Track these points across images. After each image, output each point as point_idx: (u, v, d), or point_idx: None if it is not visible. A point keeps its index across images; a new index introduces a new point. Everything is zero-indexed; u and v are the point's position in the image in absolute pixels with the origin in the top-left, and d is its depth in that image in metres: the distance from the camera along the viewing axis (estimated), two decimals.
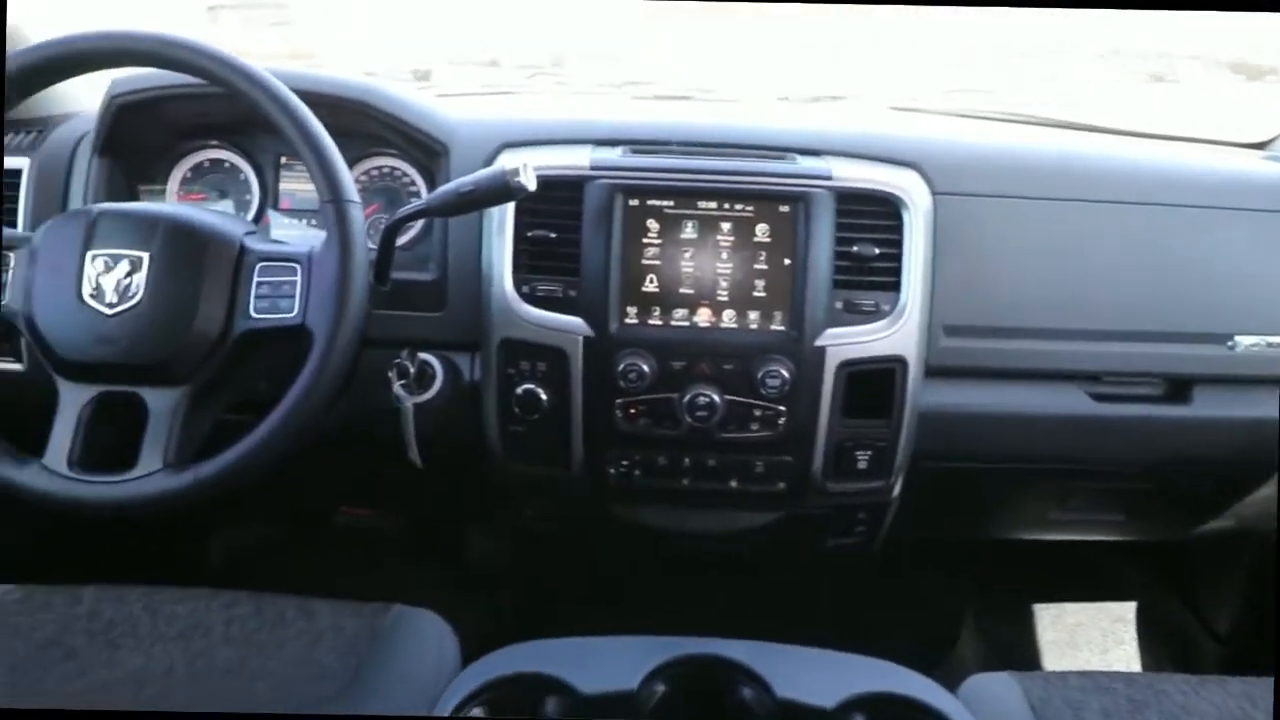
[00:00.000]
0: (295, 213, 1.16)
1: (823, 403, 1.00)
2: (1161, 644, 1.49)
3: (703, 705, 0.73)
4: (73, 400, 0.80)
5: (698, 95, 1.45)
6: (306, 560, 1.52)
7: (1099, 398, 1.08)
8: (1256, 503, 1.16)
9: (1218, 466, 1.12)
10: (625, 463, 1.02)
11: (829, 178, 1.00)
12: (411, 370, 1.01)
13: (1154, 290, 1.07)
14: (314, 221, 1.15)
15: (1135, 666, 1.48)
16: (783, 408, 0.99)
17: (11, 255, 0.82)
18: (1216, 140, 1.36)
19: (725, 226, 1.00)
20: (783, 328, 0.99)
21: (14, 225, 1.06)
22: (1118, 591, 1.53)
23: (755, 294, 0.99)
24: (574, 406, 1.00)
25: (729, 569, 1.30)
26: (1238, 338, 1.06)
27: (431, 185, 1.13)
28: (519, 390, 1.00)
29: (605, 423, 1.00)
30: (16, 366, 1.05)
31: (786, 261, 0.99)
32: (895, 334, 1.00)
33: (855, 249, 1.00)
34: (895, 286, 1.00)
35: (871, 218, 1.01)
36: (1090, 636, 1.50)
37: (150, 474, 0.78)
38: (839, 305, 1.00)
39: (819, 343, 0.98)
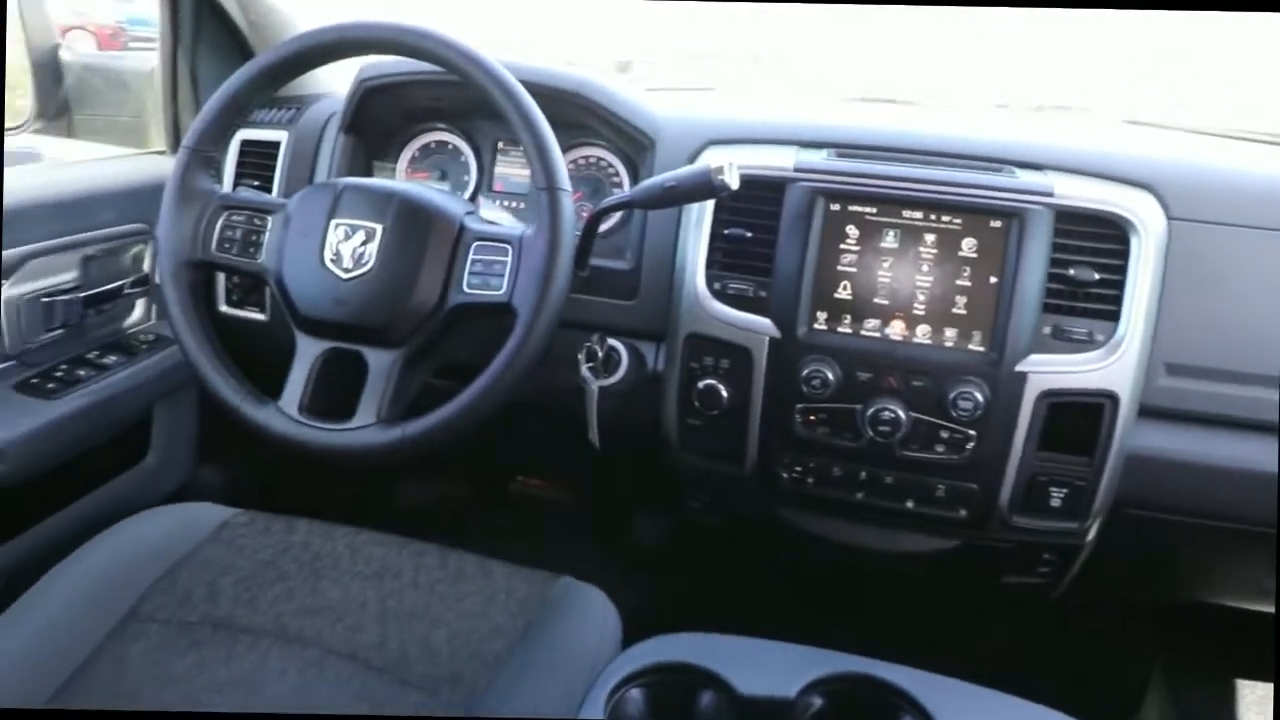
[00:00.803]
0: (505, 195, 1.22)
1: (1017, 432, 0.94)
2: None
3: None
4: (307, 353, 0.90)
5: (910, 99, 1.41)
6: (482, 519, 1.61)
7: None
8: None
9: None
10: (799, 469, 1.01)
11: (1050, 194, 0.95)
12: (600, 354, 1.05)
13: None
14: (520, 206, 1.21)
15: None
16: (973, 432, 0.95)
17: (270, 218, 0.92)
18: None
19: (929, 238, 0.96)
20: (981, 349, 0.94)
21: (269, 191, 1.19)
22: None
23: (954, 311, 0.95)
24: (753, 406, 1.00)
25: (894, 590, 1.26)
26: None
27: (635, 177, 1.16)
28: (700, 385, 1.01)
29: (783, 426, 0.99)
30: (260, 316, 1.18)
31: (993, 280, 0.94)
32: (1109, 367, 0.93)
33: (1072, 272, 0.93)
34: (1114, 316, 0.93)
35: (1094, 240, 0.94)
36: None
37: (365, 426, 0.86)
38: (1046, 331, 0.94)
39: (1020, 368, 0.93)
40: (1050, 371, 0.93)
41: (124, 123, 1.36)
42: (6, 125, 1.19)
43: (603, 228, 1.14)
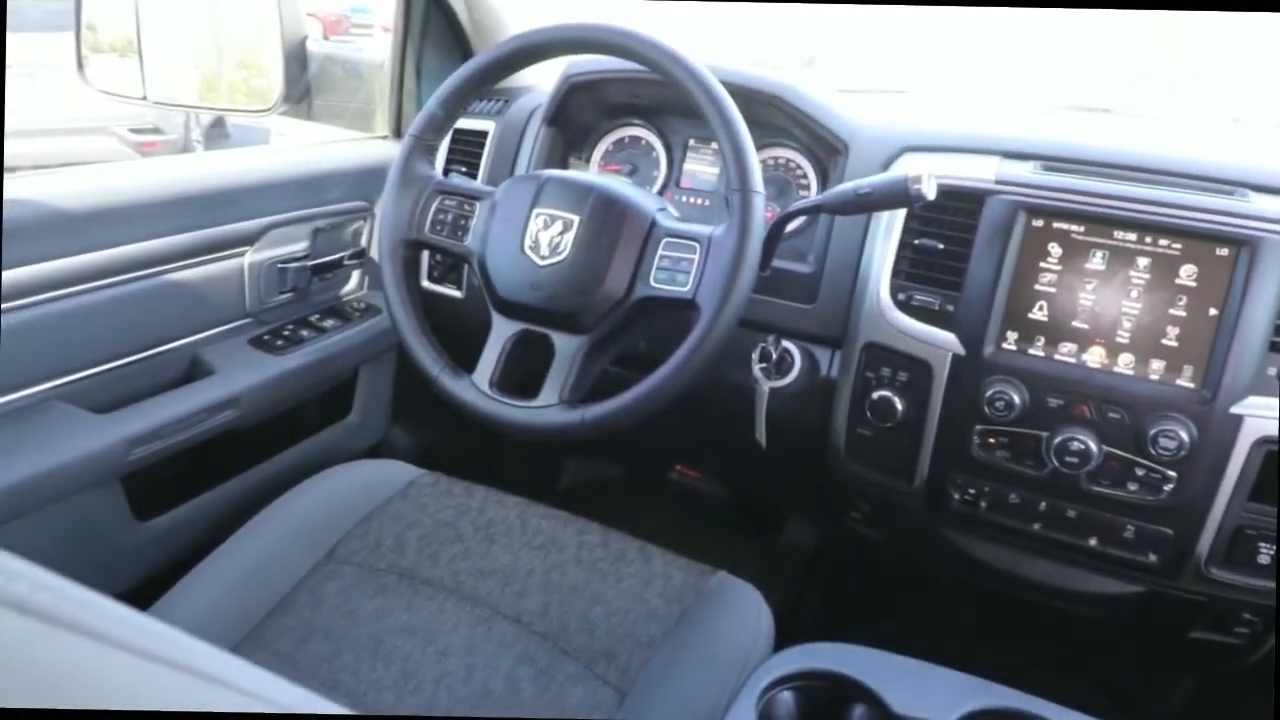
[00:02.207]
0: (691, 191, 1.25)
1: (1226, 478, 0.87)
2: None
3: None
4: (501, 332, 0.96)
5: (1124, 110, 1.31)
6: (639, 505, 1.66)
7: None
8: None
9: None
10: (972, 491, 0.98)
11: None
12: (773, 355, 1.05)
13: None
14: (705, 203, 1.23)
15: None
16: (1173, 473, 0.88)
17: (478, 205, 0.99)
18: None
19: (1142, 262, 0.90)
20: (1191, 385, 0.88)
21: (475, 178, 1.27)
22: None
23: (1164, 342, 0.89)
24: (929, 423, 0.98)
25: (1063, 630, 1.18)
26: None
27: (823, 180, 1.15)
28: (874, 395, 1.00)
29: (959, 446, 0.96)
30: (457, 294, 1.27)
31: (1212, 311, 0.87)
32: None
33: None
34: None
35: None
36: None
37: (549, 405, 0.91)
38: (1272, 372, 0.86)
39: (1235, 410, 0.86)
40: (1271, 416, 0.85)
41: (355, 109, 1.49)
42: (256, 107, 1.33)
43: (787, 230, 1.14)
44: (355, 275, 1.34)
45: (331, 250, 1.27)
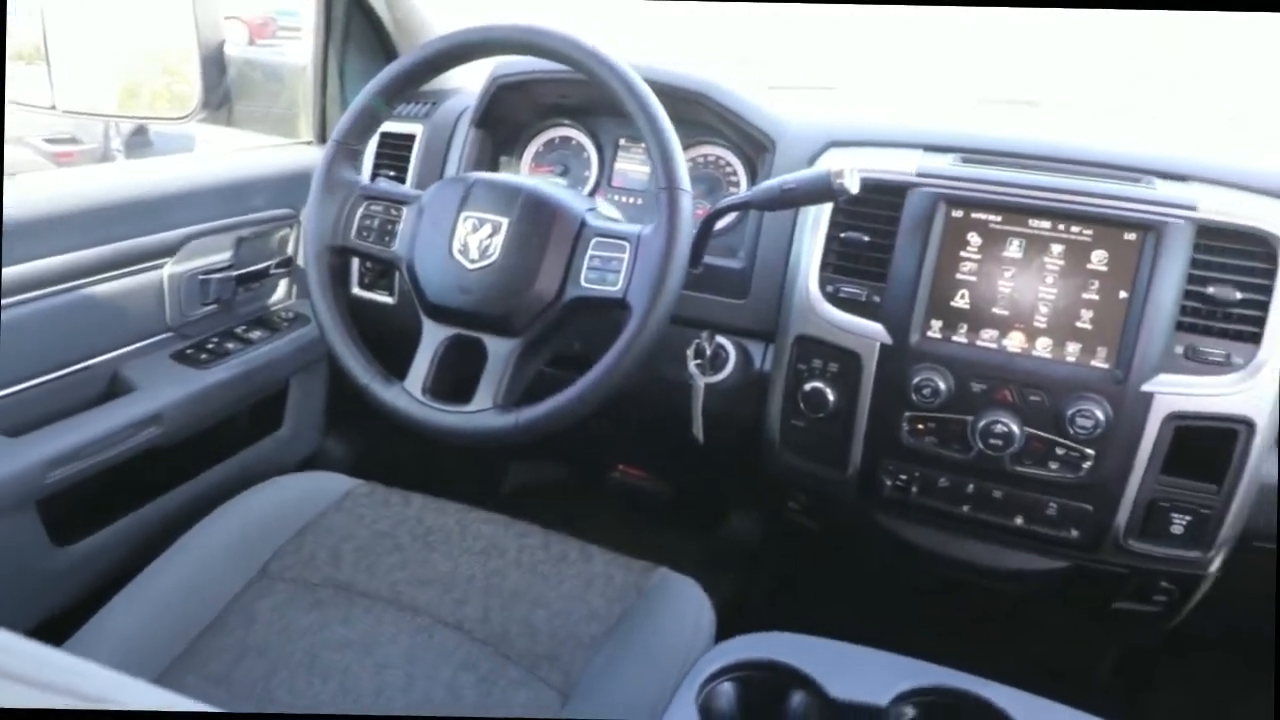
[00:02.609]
0: (623, 191, 1.25)
1: (1139, 453, 0.90)
2: None
3: None
4: (432, 337, 0.95)
5: (1045, 102, 1.36)
6: (581, 505, 1.66)
7: None
8: None
9: None
10: (904, 477, 1.00)
11: (1193, 208, 0.90)
12: (707, 351, 1.06)
13: None
14: (637, 202, 1.24)
15: None
16: (1091, 451, 0.91)
17: (405, 209, 0.98)
18: None
19: (1056, 249, 0.93)
20: (1105, 365, 0.91)
21: (403, 182, 1.26)
22: None
23: (1078, 325, 0.92)
24: (860, 412, 1.00)
25: (994, 606, 1.22)
26: None
27: (753, 177, 1.17)
28: (806, 387, 1.01)
29: (890, 434, 0.98)
30: (389, 300, 1.25)
31: (1122, 294, 0.91)
32: (1246, 392, 0.88)
33: (1211, 290, 0.89)
34: (1255, 338, 0.88)
35: (1238, 257, 0.89)
36: None
37: (483, 410, 0.90)
38: (1178, 350, 0.89)
39: (1147, 388, 0.89)
40: (1180, 393, 0.89)
41: (277, 114, 1.46)
42: (174, 114, 1.29)
43: (718, 226, 1.16)
44: (283, 284, 1.31)
45: (257, 259, 1.24)
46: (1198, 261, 0.89)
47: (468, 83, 1.32)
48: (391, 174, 1.26)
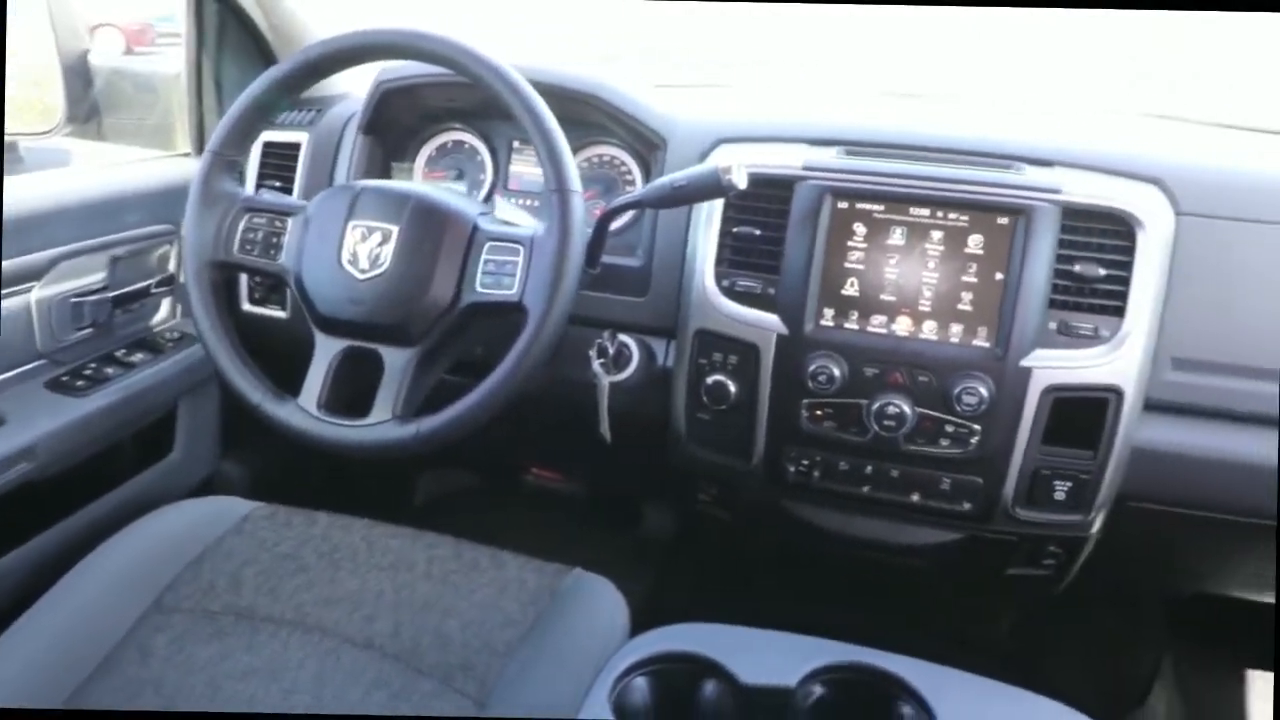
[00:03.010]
0: (520, 193, 1.25)
1: (1022, 426, 0.95)
2: None
3: (858, 715, 0.73)
4: (326, 351, 0.92)
5: (926, 95, 1.41)
6: (497, 511, 1.64)
7: None
8: None
9: None
10: (806, 463, 1.03)
11: (1057, 191, 0.95)
12: (610, 350, 1.07)
13: None
14: (536, 204, 1.23)
15: None
16: (977, 426, 0.96)
17: (290, 220, 0.95)
18: None
19: (936, 235, 0.97)
20: (987, 344, 0.95)
21: (290, 192, 1.22)
22: None
23: (960, 307, 0.96)
24: (760, 402, 1.02)
25: (900, 582, 1.27)
26: None
27: (648, 175, 1.18)
28: (709, 380, 1.03)
29: (790, 421, 1.01)
30: (281, 314, 1.21)
31: (998, 276, 0.95)
32: (1114, 363, 0.93)
33: (1078, 268, 0.94)
34: (1120, 311, 0.94)
35: (1101, 236, 0.95)
36: None
37: (381, 422, 0.88)
38: (1052, 326, 0.94)
39: (1025, 363, 0.94)
40: (1055, 367, 0.94)
41: (152, 125, 1.40)
42: (38, 129, 1.22)
43: (614, 226, 1.15)
44: (166, 304, 1.25)
45: (135, 279, 1.18)
46: (1065, 242, 0.94)
47: (356, 88, 1.29)
48: (277, 185, 1.22)
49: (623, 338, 1.08)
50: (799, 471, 1.03)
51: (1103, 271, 0.94)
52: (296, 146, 1.22)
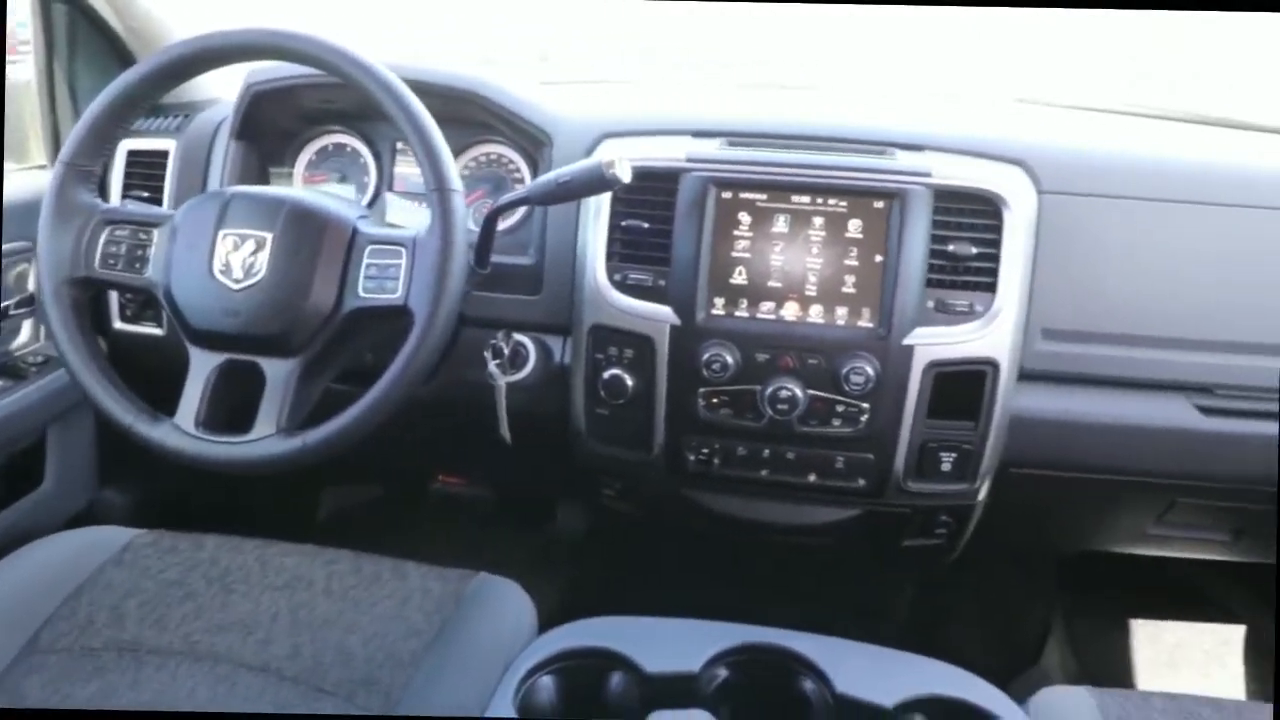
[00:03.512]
0: (407, 195, 1.22)
1: (907, 402, 0.99)
2: (1270, 671, 1.40)
3: (762, 694, 0.75)
4: (201, 366, 0.88)
5: (808, 86, 1.45)
6: (404, 521, 1.61)
7: (1208, 411, 1.03)
8: None
9: None
10: (705, 451, 1.04)
11: (928, 175, 0.99)
12: (506, 351, 1.06)
13: (1276, 299, 1.01)
14: (423, 205, 1.21)
15: (1239, 693, 1.40)
16: (866, 405, 0.99)
17: (155, 232, 0.91)
18: None
19: (817, 221, 0.99)
20: (870, 325, 0.99)
21: (159, 202, 1.16)
22: (1224, 613, 1.45)
23: (844, 290, 0.99)
24: (658, 393, 1.03)
25: (804, 562, 1.30)
26: None
27: (536, 173, 1.17)
28: (606, 375, 1.03)
29: (687, 411, 1.02)
30: (157, 331, 1.15)
31: (878, 258, 0.98)
32: (988, 336, 0.98)
33: (951, 248, 0.98)
34: (991, 288, 0.98)
35: (970, 216, 0.99)
36: (1191, 657, 1.43)
37: (264, 437, 0.85)
38: (930, 305, 0.98)
39: (907, 341, 0.97)
40: (935, 343, 0.98)
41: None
42: None
43: (504, 225, 1.15)
44: (27, 326, 1.18)
45: None
46: (938, 223, 0.98)
47: (227, 92, 1.23)
48: (145, 195, 1.16)
49: (518, 337, 1.07)
50: (699, 460, 1.05)
51: (974, 250, 0.98)
52: (164, 155, 1.17)
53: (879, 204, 0.98)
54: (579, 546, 1.47)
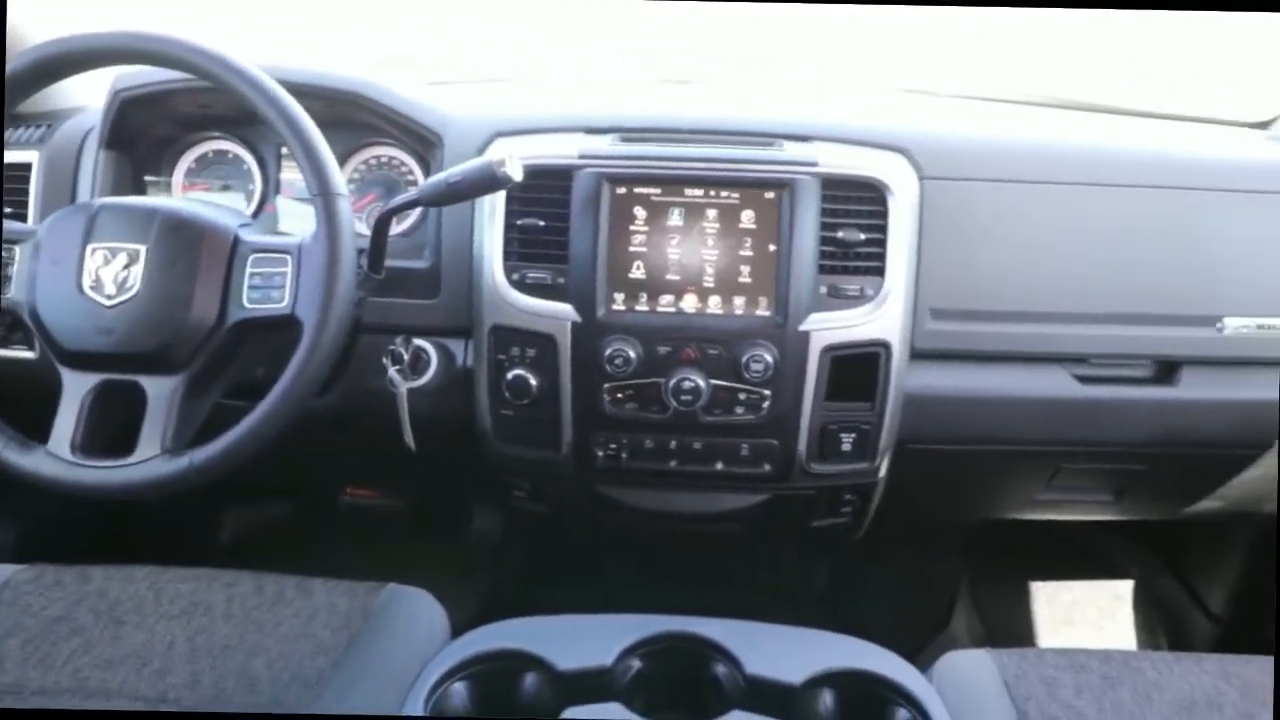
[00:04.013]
0: (296, 202, 1.18)
1: (807, 386, 1.01)
2: (1157, 622, 1.50)
3: (675, 681, 0.75)
4: (75, 388, 0.84)
5: (697, 80, 1.46)
6: (314, 539, 1.56)
7: (1085, 380, 1.09)
8: (1246, 483, 1.17)
9: (1206, 448, 1.12)
10: (613, 446, 1.05)
11: (815, 164, 1.01)
12: (406, 356, 1.04)
13: (1143, 273, 1.07)
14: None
15: (1131, 644, 1.49)
16: (767, 391, 1.01)
17: (17, 249, 0.85)
18: (1219, 120, 1.35)
19: (711, 213, 1.01)
20: (768, 313, 1.01)
21: (24, 218, 1.10)
22: (1114, 570, 1.54)
23: (740, 280, 1.01)
24: (563, 391, 1.02)
25: (718, 549, 1.32)
26: (1226, 320, 1.06)
27: (428, 174, 1.15)
28: (509, 375, 1.02)
29: (593, 407, 1.02)
30: (29, 355, 1.09)
31: (771, 248, 1.00)
32: (879, 319, 1.01)
33: (840, 235, 1.01)
34: (880, 272, 1.01)
35: (857, 203, 1.02)
36: (1087, 615, 1.51)
37: (148, 459, 0.82)
38: (823, 290, 1.01)
39: (803, 328, 1.00)
40: (830, 328, 1.00)
41: None
42: None
43: (398, 228, 1.13)
44: None
45: None
46: (826, 211, 1.01)
47: (95, 99, 1.17)
48: (8, 211, 1.09)
49: (418, 342, 1.05)
50: (607, 455, 1.05)
51: (862, 236, 1.01)
52: (27, 167, 1.10)
53: (770, 194, 1.00)
54: (495, 551, 1.46)
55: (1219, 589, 1.43)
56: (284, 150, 1.18)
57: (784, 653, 0.75)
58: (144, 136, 1.14)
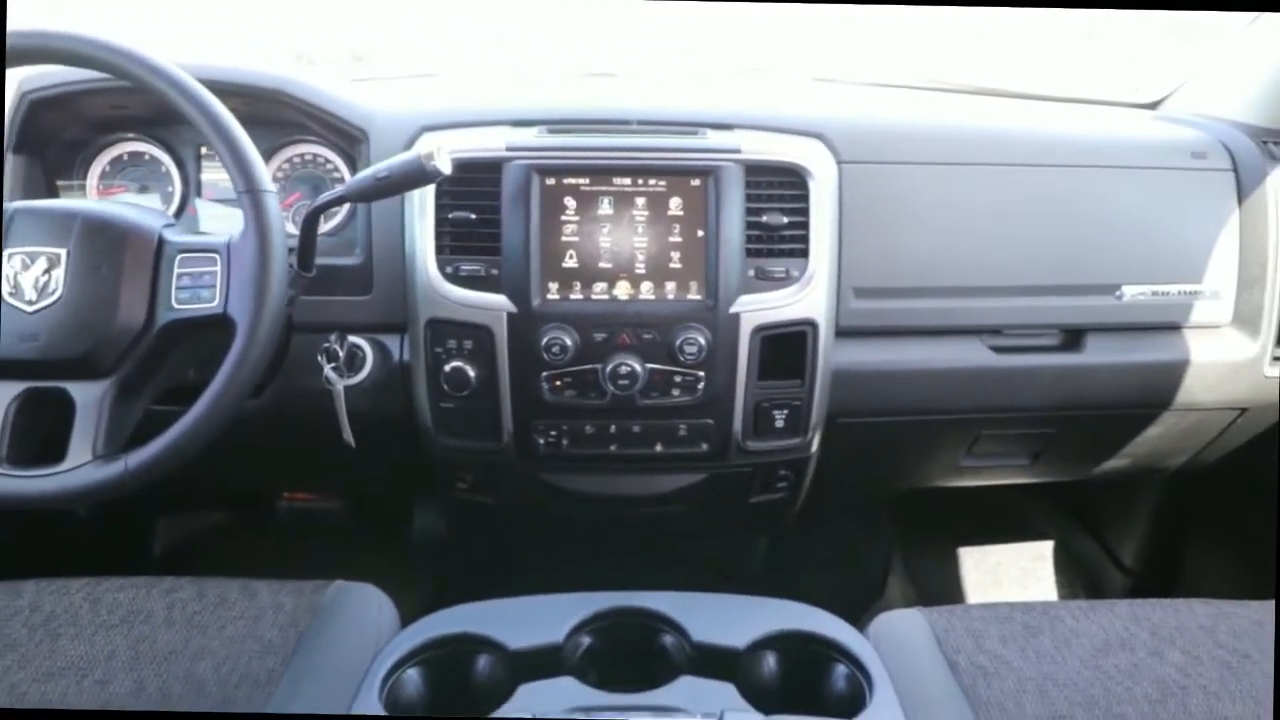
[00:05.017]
0: (218, 203, 1.16)
1: (739, 366, 1.04)
2: (1076, 578, 1.59)
3: (625, 654, 0.78)
4: None
5: (621, 72, 1.48)
6: (253, 545, 1.54)
7: (999, 349, 1.15)
8: (1148, 441, 1.25)
9: (1110, 409, 1.20)
10: (553, 433, 1.06)
11: (738, 151, 1.04)
12: (341, 354, 1.03)
13: (1048, 247, 1.14)
14: (239, 211, 1.15)
15: (1053, 599, 1.58)
16: (701, 373, 1.04)
17: None
18: (1112, 101, 1.43)
19: (640, 202, 1.03)
20: (699, 297, 1.03)
21: None
22: (1035, 532, 1.62)
23: (671, 265, 1.03)
24: (501, 381, 1.04)
25: (661, 529, 1.35)
26: (1125, 288, 1.14)
27: (354, 170, 1.14)
28: (447, 368, 1.03)
29: (532, 396, 1.04)
30: None
31: (700, 233, 1.03)
32: (805, 299, 1.05)
33: (765, 219, 1.04)
34: (804, 254, 1.05)
35: (779, 188, 1.06)
36: (1011, 574, 1.59)
37: (79, 466, 0.80)
38: (751, 273, 1.04)
39: (733, 310, 1.03)
40: (759, 309, 1.04)
41: None
42: None
43: (327, 225, 1.12)
44: None
45: None
46: (751, 196, 1.04)
47: None
48: None
49: (353, 339, 1.05)
50: (548, 442, 1.06)
51: (786, 219, 1.05)
52: None
53: (695, 181, 1.03)
54: (441, 546, 1.46)
55: (1130, 543, 1.52)
56: (204, 151, 1.16)
57: (728, 619, 0.78)
58: (54, 139, 1.11)
